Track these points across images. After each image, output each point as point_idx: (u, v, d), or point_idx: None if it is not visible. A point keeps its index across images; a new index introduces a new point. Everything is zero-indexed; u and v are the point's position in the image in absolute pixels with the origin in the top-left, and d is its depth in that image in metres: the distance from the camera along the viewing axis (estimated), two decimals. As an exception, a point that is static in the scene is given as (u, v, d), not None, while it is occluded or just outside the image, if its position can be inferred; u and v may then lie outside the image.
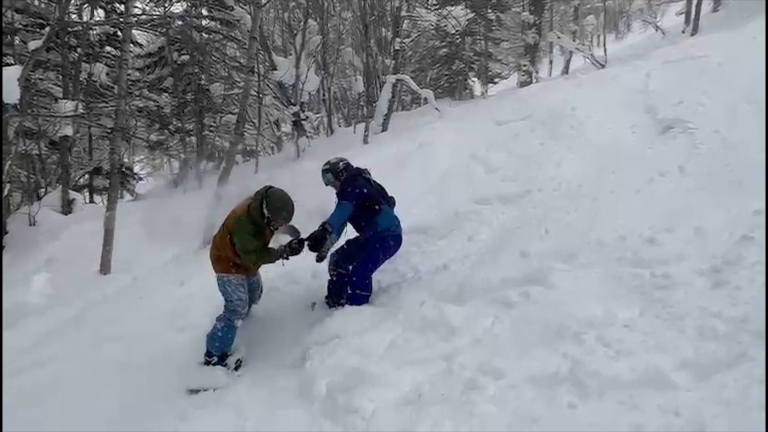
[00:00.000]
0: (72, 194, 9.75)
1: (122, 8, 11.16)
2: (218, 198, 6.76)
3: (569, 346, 2.77)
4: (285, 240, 3.93)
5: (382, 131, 11.81)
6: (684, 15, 17.29)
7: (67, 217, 8.93)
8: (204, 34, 13.51)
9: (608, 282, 3.32)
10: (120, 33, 9.80)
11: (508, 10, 18.43)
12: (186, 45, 12.94)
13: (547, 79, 15.19)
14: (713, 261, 3.12)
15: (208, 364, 3.81)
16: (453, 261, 4.47)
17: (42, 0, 11.01)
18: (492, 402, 2.58)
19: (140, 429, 3.29)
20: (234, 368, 3.86)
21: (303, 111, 12.64)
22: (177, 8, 13.44)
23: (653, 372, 2.41)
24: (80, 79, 10.80)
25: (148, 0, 13.11)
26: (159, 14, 11.70)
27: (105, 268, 6.36)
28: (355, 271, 4.07)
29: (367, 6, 13.24)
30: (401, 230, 4.32)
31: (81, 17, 11.77)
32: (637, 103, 7.06)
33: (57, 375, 4.06)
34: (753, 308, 2.59)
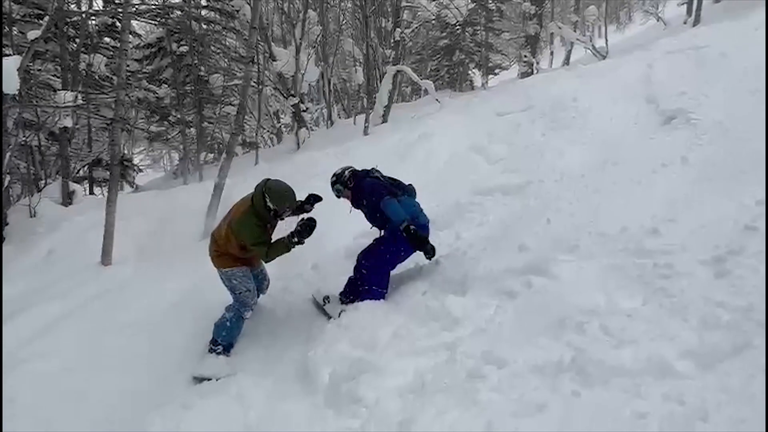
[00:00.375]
0: (72, 186, 9.71)
1: (121, -2, 11.07)
2: (218, 189, 6.76)
3: (572, 336, 2.78)
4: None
5: (382, 122, 11.78)
6: (686, 5, 17.20)
7: (68, 209, 8.88)
8: (203, 25, 13.43)
9: (611, 272, 3.30)
10: (119, 23, 9.74)
11: (509, 1, 18.35)
12: (185, 35, 12.86)
13: (548, 70, 15.11)
14: (716, 251, 3.10)
15: (213, 352, 3.84)
16: (454, 252, 4.46)
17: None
18: (496, 390, 2.59)
19: (143, 418, 3.30)
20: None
21: (303, 102, 12.59)
22: (176, -2, 13.33)
23: (657, 361, 2.41)
24: (79, 70, 10.72)
25: (147, -10, 13.02)
26: (158, 4, 11.60)
27: (106, 260, 6.34)
28: (370, 265, 3.97)
29: (367, -4, 13.15)
30: (426, 219, 4.17)
31: (80, 7, 11.67)
32: (639, 94, 7.02)
33: (59, 365, 4.06)
34: (757, 298, 2.57)
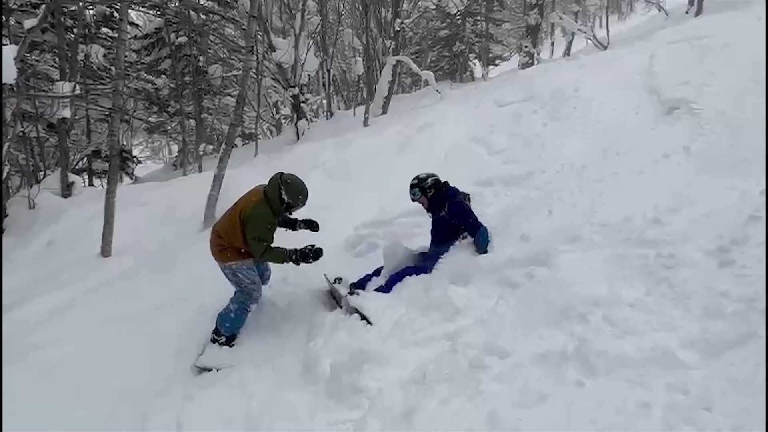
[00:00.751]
0: (71, 177, 9.68)
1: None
2: (218, 180, 6.72)
3: (575, 326, 2.76)
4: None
5: (382, 114, 11.71)
6: (688, -5, 17.06)
7: (67, 200, 8.86)
8: (202, 15, 13.32)
9: (613, 262, 3.29)
10: (117, 13, 9.65)
11: (510, -9, 18.22)
12: (184, 26, 12.76)
13: (549, 61, 15.02)
14: (720, 241, 3.08)
15: (215, 343, 3.83)
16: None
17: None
18: (498, 380, 2.58)
19: (145, 408, 3.30)
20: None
21: (302, 93, 12.52)
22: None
23: (660, 350, 2.40)
24: (77, 61, 10.65)
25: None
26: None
27: (106, 251, 6.33)
28: (405, 273, 4.04)
29: (367, -15, 13.04)
30: None
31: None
32: (641, 84, 6.97)
33: (59, 356, 4.06)
34: (761, 287, 2.56)
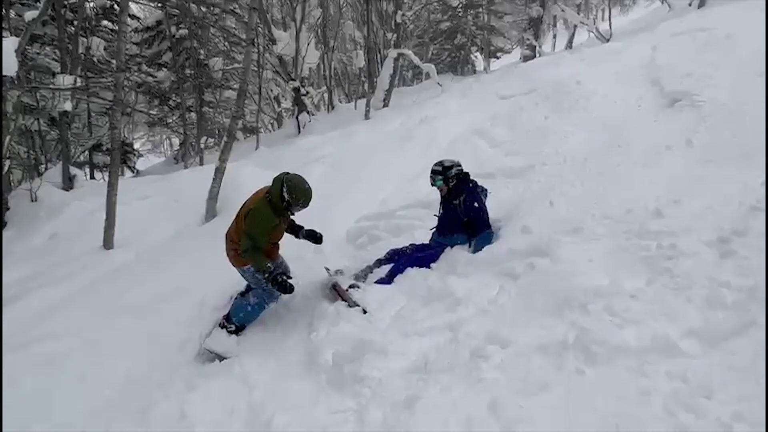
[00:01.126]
0: (73, 170, 9.69)
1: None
2: (219, 173, 6.72)
3: (576, 316, 2.77)
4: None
5: (384, 107, 11.69)
6: (691, -12, 16.94)
7: (69, 193, 8.88)
8: (202, 7, 13.27)
9: (614, 254, 3.30)
10: (117, 6, 9.62)
11: (512, -17, 18.13)
12: (184, 18, 12.72)
13: (551, 54, 14.96)
14: (721, 232, 3.09)
15: (224, 329, 3.83)
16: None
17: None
18: (499, 369, 2.59)
19: (147, 399, 3.31)
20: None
21: (303, 86, 12.48)
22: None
23: (661, 339, 2.41)
24: (78, 54, 10.63)
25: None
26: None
27: (108, 244, 6.34)
28: (407, 263, 4.08)
29: (368, -22, 12.96)
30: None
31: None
32: (644, 77, 6.97)
33: (61, 348, 4.06)
34: (762, 278, 2.56)
